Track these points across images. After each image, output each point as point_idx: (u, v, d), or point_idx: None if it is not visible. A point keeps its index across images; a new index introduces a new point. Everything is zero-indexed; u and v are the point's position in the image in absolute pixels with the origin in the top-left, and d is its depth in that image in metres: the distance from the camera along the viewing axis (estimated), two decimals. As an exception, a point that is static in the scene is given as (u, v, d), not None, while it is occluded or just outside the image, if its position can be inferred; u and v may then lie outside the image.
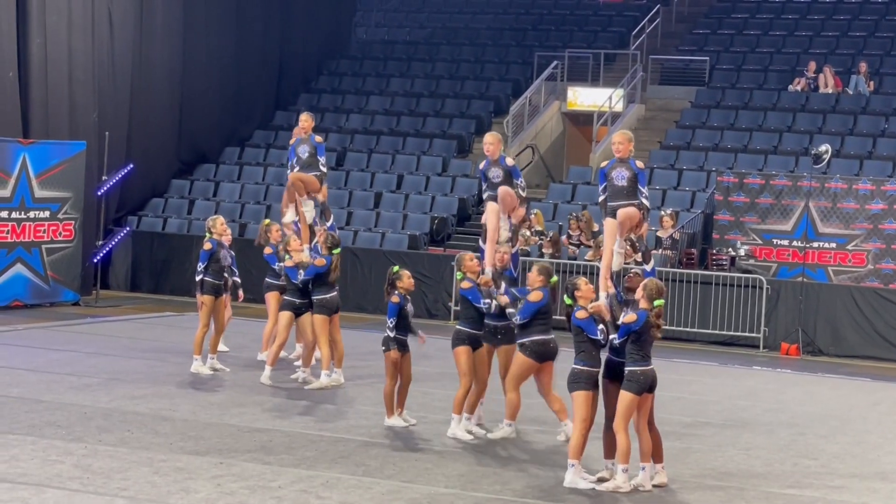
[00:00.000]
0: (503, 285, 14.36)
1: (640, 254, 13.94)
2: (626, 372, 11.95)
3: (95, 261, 26.01)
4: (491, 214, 14.62)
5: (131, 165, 27.46)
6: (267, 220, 18.69)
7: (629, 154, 13.22)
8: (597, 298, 12.47)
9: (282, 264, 17.32)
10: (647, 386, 12.01)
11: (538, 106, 32.21)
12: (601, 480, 12.18)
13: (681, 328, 23.88)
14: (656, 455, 12.37)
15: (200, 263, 17.50)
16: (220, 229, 17.76)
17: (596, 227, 25.38)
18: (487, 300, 14.09)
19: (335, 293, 16.79)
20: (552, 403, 14.14)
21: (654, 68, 33.14)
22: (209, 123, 30.96)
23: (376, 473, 12.24)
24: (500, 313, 14.09)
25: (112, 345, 19.84)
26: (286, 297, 17.06)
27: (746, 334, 23.64)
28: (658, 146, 30.40)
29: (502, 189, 14.56)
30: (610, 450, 12.39)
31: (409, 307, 14.57)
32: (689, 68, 32.88)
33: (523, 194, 14.78)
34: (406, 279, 14.56)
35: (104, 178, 26.15)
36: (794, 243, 24.97)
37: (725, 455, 14.15)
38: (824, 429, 16.14)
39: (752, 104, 31.19)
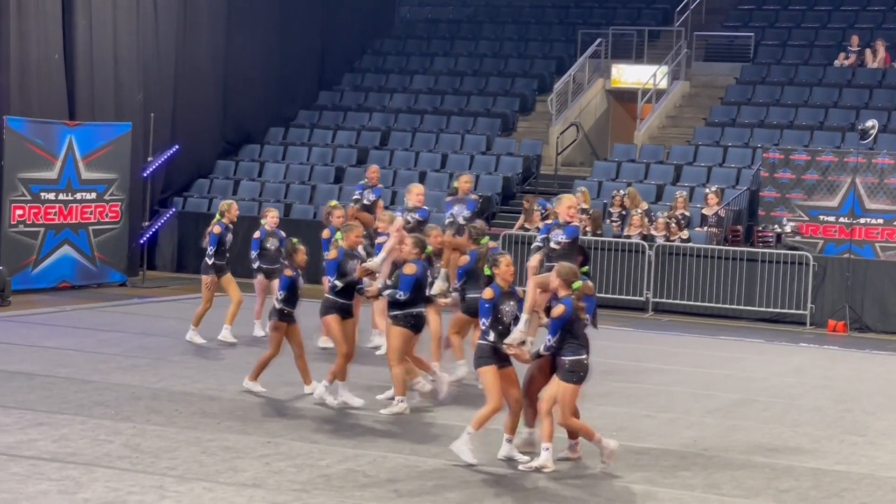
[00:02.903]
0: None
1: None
2: (566, 362, 11.67)
3: (142, 242, 26.16)
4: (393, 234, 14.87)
5: (177, 146, 27.59)
6: (334, 202, 18.16)
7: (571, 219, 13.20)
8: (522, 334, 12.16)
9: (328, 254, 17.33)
10: (585, 376, 11.79)
11: (582, 84, 32.09)
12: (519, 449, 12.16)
13: (727, 305, 23.80)
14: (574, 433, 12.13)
15: (211, 247, 17.85)
16: (233, 215, 18.10)
17: (645, 205, 25.34)
18: (339, 281, 14.10)
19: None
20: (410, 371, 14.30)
21: (698, 45, 32.94)
22: (254, 104, 31.02)
23: (423, 452, 12.26)
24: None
25: (159, 325, 19.95)
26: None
27: (793, 311, 23.51)
28: (703, 123, 30.25)
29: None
30: (531, 418, 12.27)
31: (302, 281, 14.66)
32: (734, 44, 32.65)
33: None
34: (301, 255, 14.62)
35: (150, 159, 26.27)
36: (841, 219, 24.79)
37: (773, 432, 14.09)
38: (872, 405, 16.06)
39: (798, 80, 30.96)
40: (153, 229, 26.68)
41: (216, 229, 18.00)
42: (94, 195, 24.52)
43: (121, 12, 26.18)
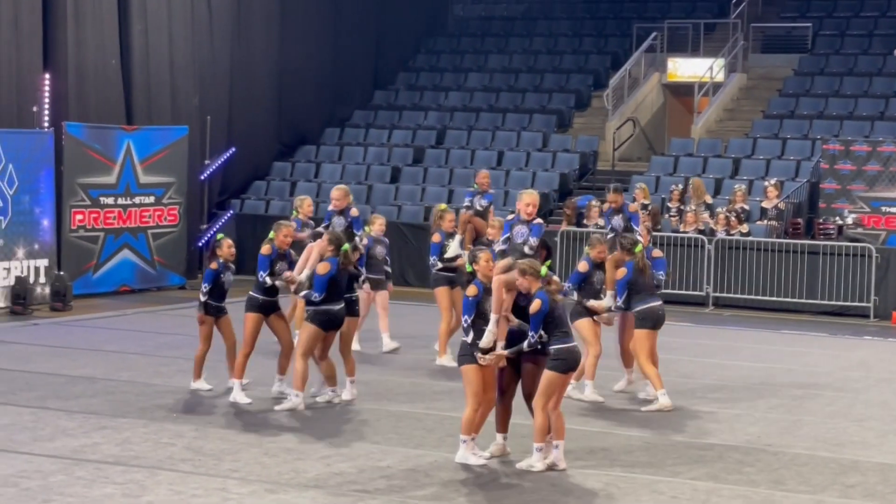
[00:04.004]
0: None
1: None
2: (551, 351, 11.48)
3: (200, 244, 26.26)
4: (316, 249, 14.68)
5: (233, 149, 27.70)
6: (443, 206, 17.66)
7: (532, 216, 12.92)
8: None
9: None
10: (573, 364, 11.61)
11: (638, 78, 31.92)
12: (493, 456, 11.95)
13: (789, 299, 23.59)
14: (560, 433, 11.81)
15: None
16: (306, 210, 17.97)
17: (709, 198, 25.19)
18: (271, 279, 14.23)
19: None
20: (326, 369, 14.22)
21: (755, 36, 32.68)
22: (309, 105, 31.08)
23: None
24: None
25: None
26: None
27: (856, 304, 23.26)
28: (761, 115, 30.01)
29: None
30: (503, 423, 12.05)
31: (229, 276, 14.76)
32: (792, 35, 32.39)
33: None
34: (226, 248, 14.77)
35: (207, 162, 26.40)
36: (904, 210, 24.54)
37: (838, 426, 13.95)
38: (939, 398, 15.87)
39: (857, 70, 30.66)
40: (211, 232, 26.77)
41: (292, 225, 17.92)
42: (152, 199, 24.65)
43: (176, 17, 26.30)
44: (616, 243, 15.06)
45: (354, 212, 15.68)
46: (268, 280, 14.30)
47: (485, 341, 11.65)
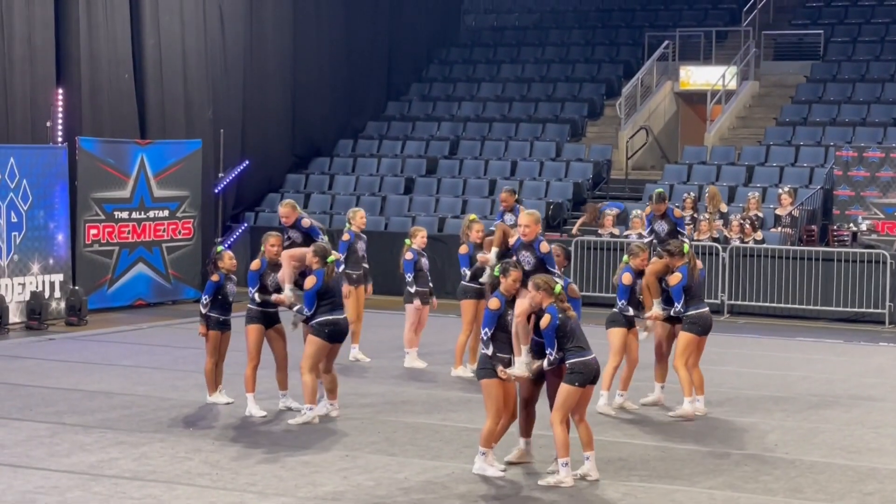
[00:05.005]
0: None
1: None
2: (567, 364, 11.41)
3: (215, 257, 26.29)
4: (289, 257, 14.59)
5: (247, 162, 27.74)
6: (473, 216, 17.44)
7: (535, 236, 12.75)
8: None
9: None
10: (591, 377, 11.49)
11: (650, 87, 31.93)
12: (514, 461, 12.01)
13: (804, 306, 23.55)
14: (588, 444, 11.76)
15: (340, 254, 17.20)
16: (359, 222, 17.99)
17: (724, 207, 25.14)
18: (258, 295, 14.27)
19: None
20: (328, 382, 14.15)
21: (767, 44, 32.68)
22: (322, 116, 31.13)
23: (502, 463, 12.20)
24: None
25: (233, 342, 19.96)
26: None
27: (871, 310, 23.22)
28: (773, 123, 30.00)
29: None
30: (527, 429, 12.07)
31: (232, 287, 14.74)
32: (804, 42, 32.37)
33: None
34: (227, 260, 14.80)
35: (221, 175, 26.44)
36: (918, 216, 24.51)
37: (855, 434, 13.92)
38: (956, 405, 15.83)
39: (870, 76, 30.63)
40: (226, 245, 26.77)
41: (345, 237, 17.90)
42: (166, 213, 24.69)
43: (189, 30, 26.37)
44: (654, 249, 15.02)
45: (306, 222, 15.56)
46: (256, 297, 14.31)
47: (516, 371, 11.57)
